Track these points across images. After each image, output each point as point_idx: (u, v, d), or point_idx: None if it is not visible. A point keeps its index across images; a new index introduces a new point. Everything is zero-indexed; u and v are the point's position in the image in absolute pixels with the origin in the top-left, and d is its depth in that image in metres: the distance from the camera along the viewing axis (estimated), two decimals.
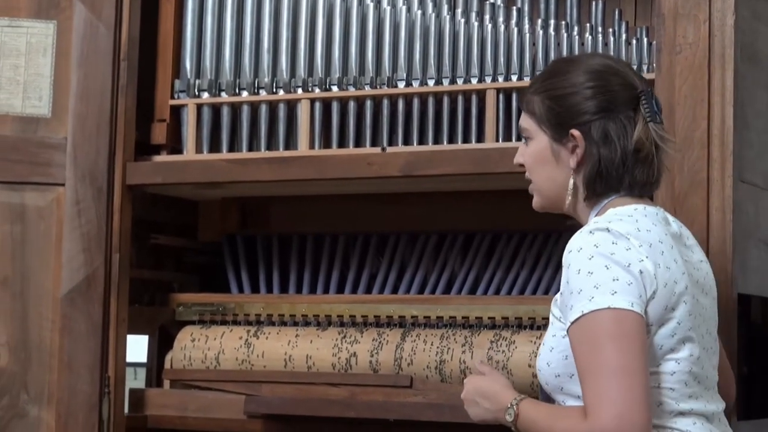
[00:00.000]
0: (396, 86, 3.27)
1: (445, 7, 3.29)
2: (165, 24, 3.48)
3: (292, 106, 3.35)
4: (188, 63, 3.42)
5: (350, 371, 3.26)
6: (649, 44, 3.07)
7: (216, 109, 3.40)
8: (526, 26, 3.21)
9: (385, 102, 3.27)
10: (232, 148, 3.39)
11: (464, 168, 3.08)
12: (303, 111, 3.32)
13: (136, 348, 3.62)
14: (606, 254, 2.05)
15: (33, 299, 3.28)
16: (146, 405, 3.42)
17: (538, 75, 2.33)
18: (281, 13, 3.39)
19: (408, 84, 3.26)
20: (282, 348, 3.34)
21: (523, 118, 2.28)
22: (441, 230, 3.50)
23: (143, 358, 3.74)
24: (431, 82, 3.24)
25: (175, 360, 3.45)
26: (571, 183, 2.21)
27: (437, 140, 3.22)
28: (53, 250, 3.29)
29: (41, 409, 3.26)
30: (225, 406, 3.34)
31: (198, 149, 3.40)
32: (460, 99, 3.21)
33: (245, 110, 3.37)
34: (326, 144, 3.32)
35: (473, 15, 3.26)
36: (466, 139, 3.20)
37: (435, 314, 3.27)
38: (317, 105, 3.32)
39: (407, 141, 3.26)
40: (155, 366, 3.67)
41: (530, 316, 3.16)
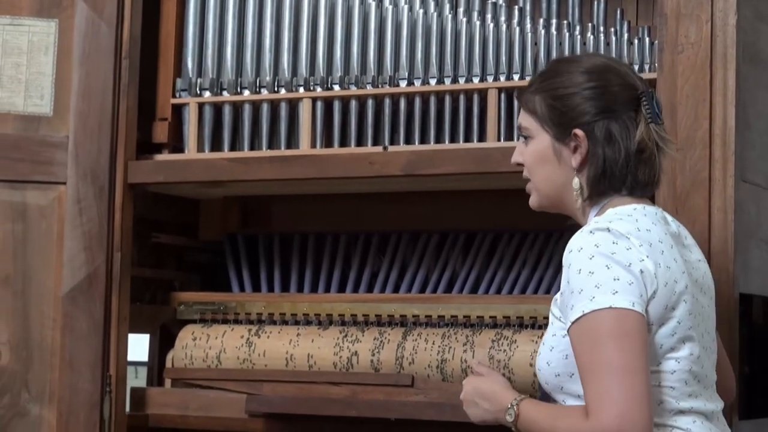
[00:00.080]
0: (398, 85, 3.26)
1: (447, 6, 3.28)
2: (167, 22, 3.48)
3: (294, 105, 3.35)
4: (190, 62, 3.42)
5: (351, 370, 3.26)
6: (651, 44, 3.07)
7: (218, 108, 3.40)
8: (528, 26, 3.21)
9: (387, 101, 3.26)
10: (234, 147, 3.39)
11: (466, 167, 3.08)
12: (305, 110, 3.32)
13: (138, 347, 3.62)
14: (607, 254, 2.05)
15: (34, 298, 3.28)
16: (147, 404, 3.42)
17: (537, 74, 2.33)
18: (283, 12, 3.38)
19: (410, 83, 3.26)
20: (283, 347, 3.34)
21: (524, 117, 2.27)
22: (442, 229, 3.50)
23: (144, 357, 3.74)
24: (433, 82, 3.24)
25: (177, 359, 3.45)
26: (577, 183, 2.21)
27: (439, 139, 3.22)
28: (55, 249, 3.29)
29: (42, 408, 3.25)
30: (226, 405, 3.34)
31: (199, 148, 3.40)
32: (462, 98, 3.21)
33: (247, 109, 3.37)
34: (328, 143, 3.32)
35: (475, 14, 3.26)
36: (468, 139, 3.20)
37: (436, 313, 3.27)
38: (319, 104, 3.32)
39: (409, 140, 3.25)
40: (156, 365, 3.67)
41: (532, 316, 3.16)
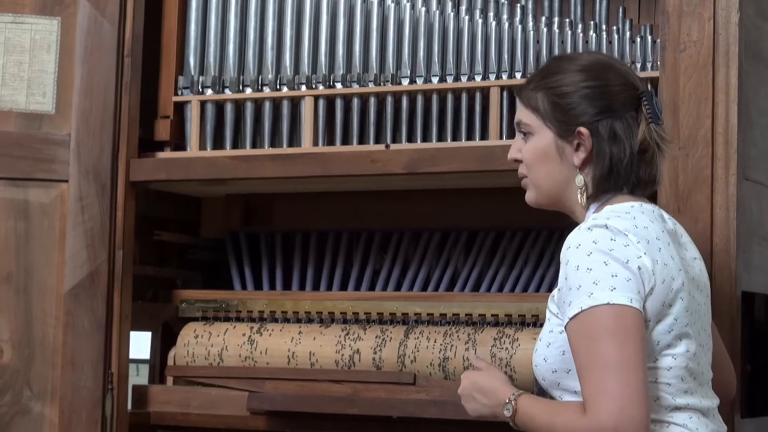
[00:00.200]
0: (400, 83, 3.26)
1: (449, 5, 3.28)
2: (169, 20, 3.48)
3: (296, 103, 3.35)
4: (192, 60, 3.42)
5: (353, 368, 3.26)
6: (653, 42, 3.06)
7: (220, 106, 3.40)
8: (530, 24, 3.21)
9: (389, 99, 3.26)
10: (236, 145, 3.39)
11: (468, 165, 3.08)
12: (307, 108, 3.32)
13: (139, 344, 3.62)
14: (605, 250, 2.06)
15: (36, 295, 3.28)
16: (149, 401, 3.42)
17: (538, 71, 2.33)
18: (285, 10, 3.38)
19: (412, 81, 3.26)
20: (285, 345, 3.34)
21: (524, 114, 2.27)
22: (444, 227, 3.50)
23: (146, 355, 3.74)
24: (435, 80, 3.24)
25: (178, 356, 3.45)
26: (581, 180, 2.21)
27: (441, 137, 3.22)
28: (57, 247, 3.29)
29: (44, 406, 3.26)
30: (228, 403, 3.34)
31: (201, 146, 3.40)
32: (464, 96, 3.21)
33: (249, 107, 3.37)
34: (330, 141, 3.32)
35: (477, 12, 3.26)
36: (470, 137, 3.20)
37: (438, 311, 3.27)
38: (321, 102, 3.32)
39: (411, 138, 3.25)
40: (158, 362, 3.67)
41: (533, 314, 3.15)
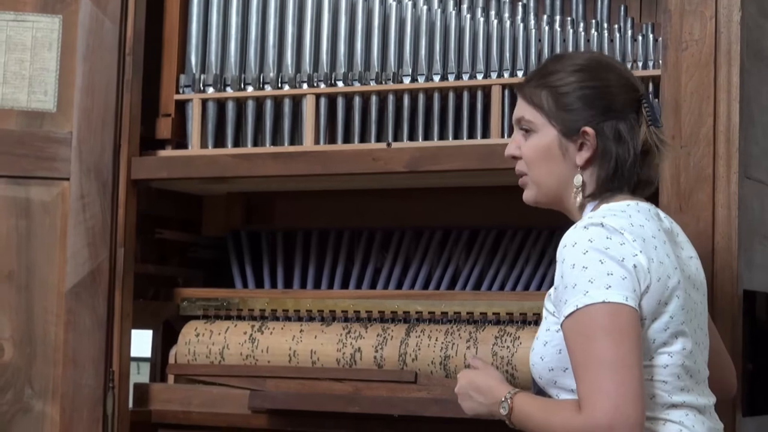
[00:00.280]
0: (401, 82, 3.26)
1: (451, 3, 3.28)
2: (170, 18, 3.48)
3: (297, 102, 3.35)
4: (193, 58, 3.42)
5: (355, 366, 3.26)
6: (655, 41, 3.06)
7: (221, 104, 3.40)
8: (532, 22, 3.21)
9: (391, 97, 3.26)
10: (237, 143, 3.39)
11: (469, 164, 3.08)
12: (308, 106, 3.32)
13: (141, 343, 3.62)
14: (600, 249, 2.06)
15: (38, 293, 3.28)
16: (150, 400, 3.42)
17: (538, 69, 2.31)
18: (287, 8, 3.38)
19: (413, 80, 3.25)
20: (286, 343, 3.35)
21: (527, 111, 2.25)
22: (446, 226, 3.50)
23: (147, 353, 3.74)
24: (437, 78, 3.24)
25: (180, 355, 3.46)
26: (580, 179, 2.21)
27: (442, 136, 3.22)
28: (58, 245, 3.29)
29: (45, 404, 3.26)
30: (229, 401, 3.34)
31: (203, 144, 3.40)
32: (466, 95, 3.21)
33: (250, 105, 3.37)
34: (331, 139, 3.32)
35: (479, 11, 3.26)
36: (472, 135, 3.20)
37: (440, 310, 3.27)
38: (322, 100, 3.32)
39: (412, 137, 3.25)
40: (159, 361, 3.66)
41: (535, 312, 3.15)
